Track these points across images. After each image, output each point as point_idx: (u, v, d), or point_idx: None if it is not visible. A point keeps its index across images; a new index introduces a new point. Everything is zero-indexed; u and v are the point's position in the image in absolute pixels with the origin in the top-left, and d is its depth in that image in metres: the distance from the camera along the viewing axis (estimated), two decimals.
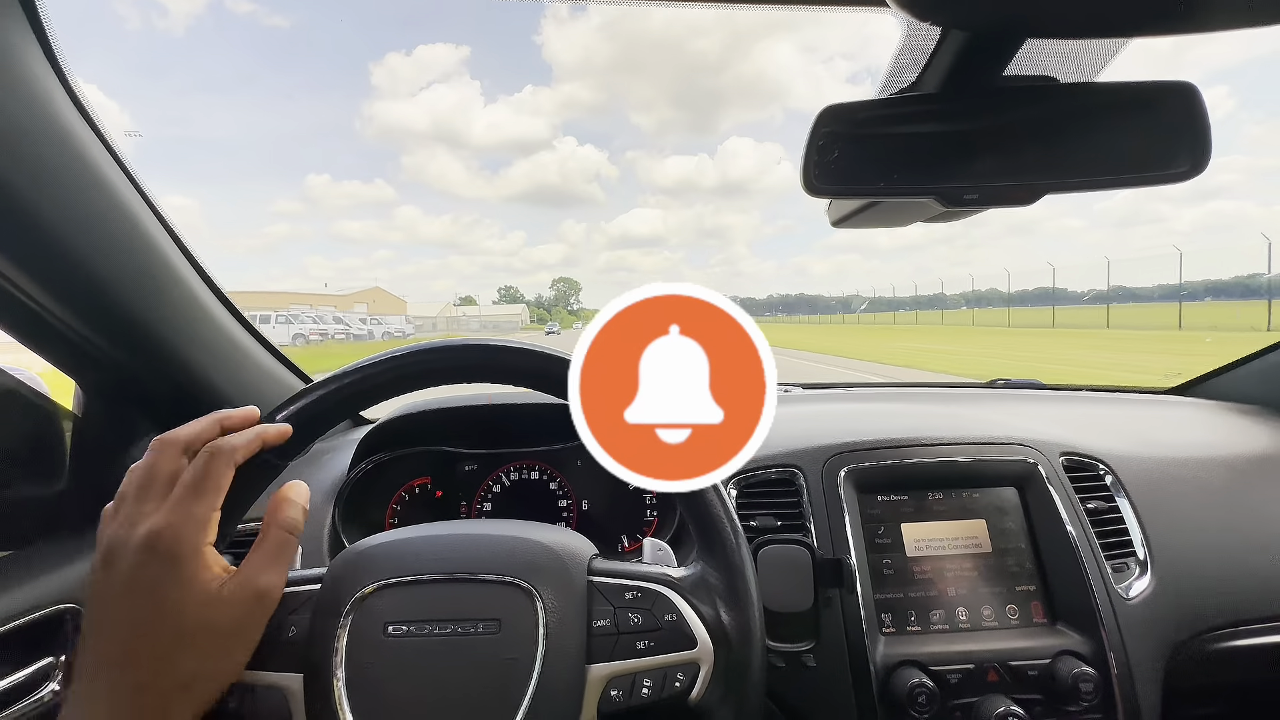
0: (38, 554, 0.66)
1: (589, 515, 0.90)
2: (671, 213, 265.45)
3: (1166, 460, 0.85)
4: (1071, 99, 0.54)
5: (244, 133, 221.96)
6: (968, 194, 0.55)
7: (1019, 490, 0.78)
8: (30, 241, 0.56)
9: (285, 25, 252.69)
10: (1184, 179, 0.51)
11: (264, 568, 0.42)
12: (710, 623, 0.46)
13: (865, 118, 0.56)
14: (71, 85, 0.57)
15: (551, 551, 0.48)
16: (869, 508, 0.76)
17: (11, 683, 0.59)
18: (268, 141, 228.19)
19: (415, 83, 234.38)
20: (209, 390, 0.78)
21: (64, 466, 0.74)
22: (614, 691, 0.44)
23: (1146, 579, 0.74)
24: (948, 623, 0.71)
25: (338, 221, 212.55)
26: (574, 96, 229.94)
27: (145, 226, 0.65)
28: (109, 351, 0.68)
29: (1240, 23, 0.42)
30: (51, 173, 0.55)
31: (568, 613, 0.45)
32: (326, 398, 0.48)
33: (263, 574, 0.41)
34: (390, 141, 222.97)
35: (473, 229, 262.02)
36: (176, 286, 0.70)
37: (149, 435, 0.79)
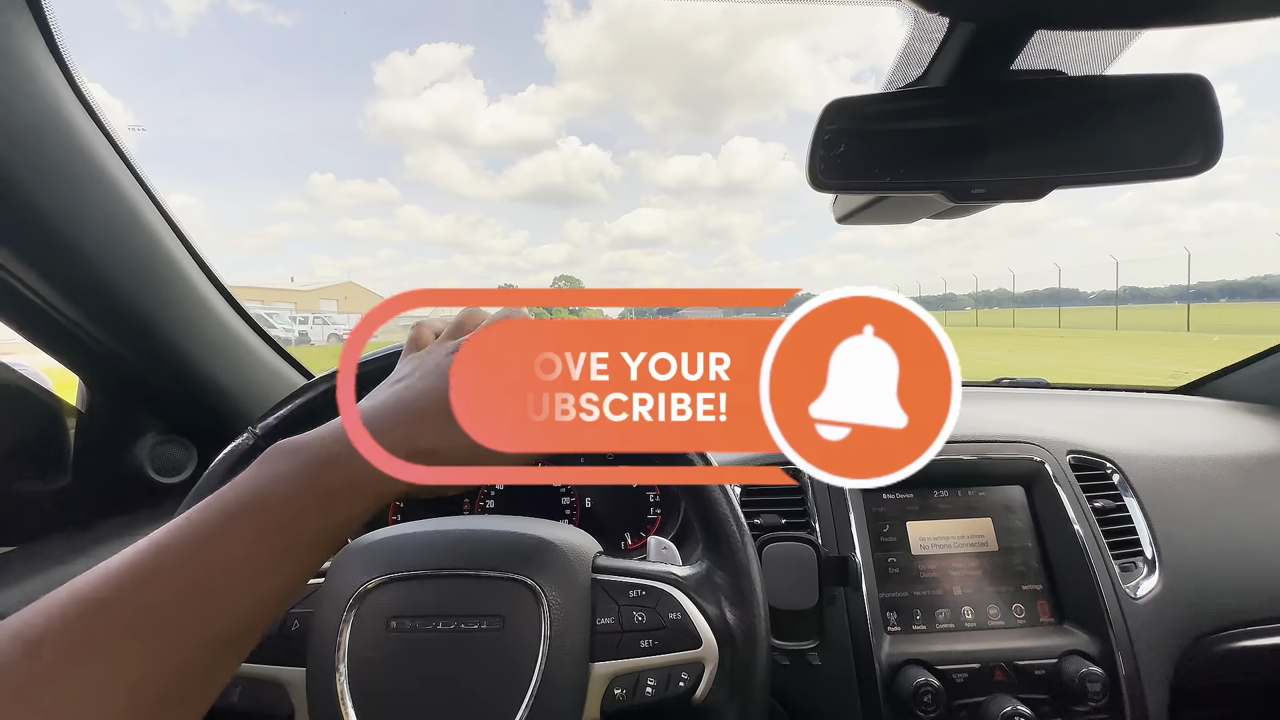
0: (41, 549, 0.66)
1: (592, 513, 0.90)
2: (675, 213, 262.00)
3: (1174, 459, 0.84)
4: (1080, 93, 0.53)
5: (247, 132, 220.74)
6: (974, 189, 0.54)
7: (1025, 489, 0.77)
8: (36, 238, 0.56)
9: (289, 24, 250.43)
10: (1195, 173, 0.50)
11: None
12: (715, 622, 0.45)
13: (872, 112, 0.55)
14: (77, 82, 0.57)
15: (555, 548, 0.48)
16: (874, 506, 0.75)
17: None
18: (271, 140, 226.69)
19: (419, 82, 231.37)
20: (212, 386, 0.78)
21: (67, 462, 0.75)
22: (617, 690, 0.44)
23: (1155, 578, 0.73)
24: (953, 622, 0.70)
25: (341, 221, 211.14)
26: (578, 96, 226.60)
27: (150, 223, 0.65)
28: (113, 348, 0.68)
29: (1252, 13, 0.41)
30: (58, 169, 0.55)
31: (571, 610, 0.45)
32: (328, 393, 0.48)
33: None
34: (394, 141, 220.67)
35: (476, 228, 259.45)
36: (180, 283, 0.70)
37: (151, 432, 0.79)
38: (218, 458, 0.47)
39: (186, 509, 0.46)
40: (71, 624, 0.26)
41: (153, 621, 0.27)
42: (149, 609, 0.27)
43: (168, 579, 0.28)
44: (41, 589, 0.61)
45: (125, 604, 0.27)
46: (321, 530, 0.32)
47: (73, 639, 0.26)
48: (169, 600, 0.28)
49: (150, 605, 0.27)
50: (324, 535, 0.33)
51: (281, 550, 0.31)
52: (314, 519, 0.32)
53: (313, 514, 0.32)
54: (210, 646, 0.28)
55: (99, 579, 0.28)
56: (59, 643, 0.25)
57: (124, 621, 0.26)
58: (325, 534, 0.33)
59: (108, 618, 0.26)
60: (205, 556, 0.29)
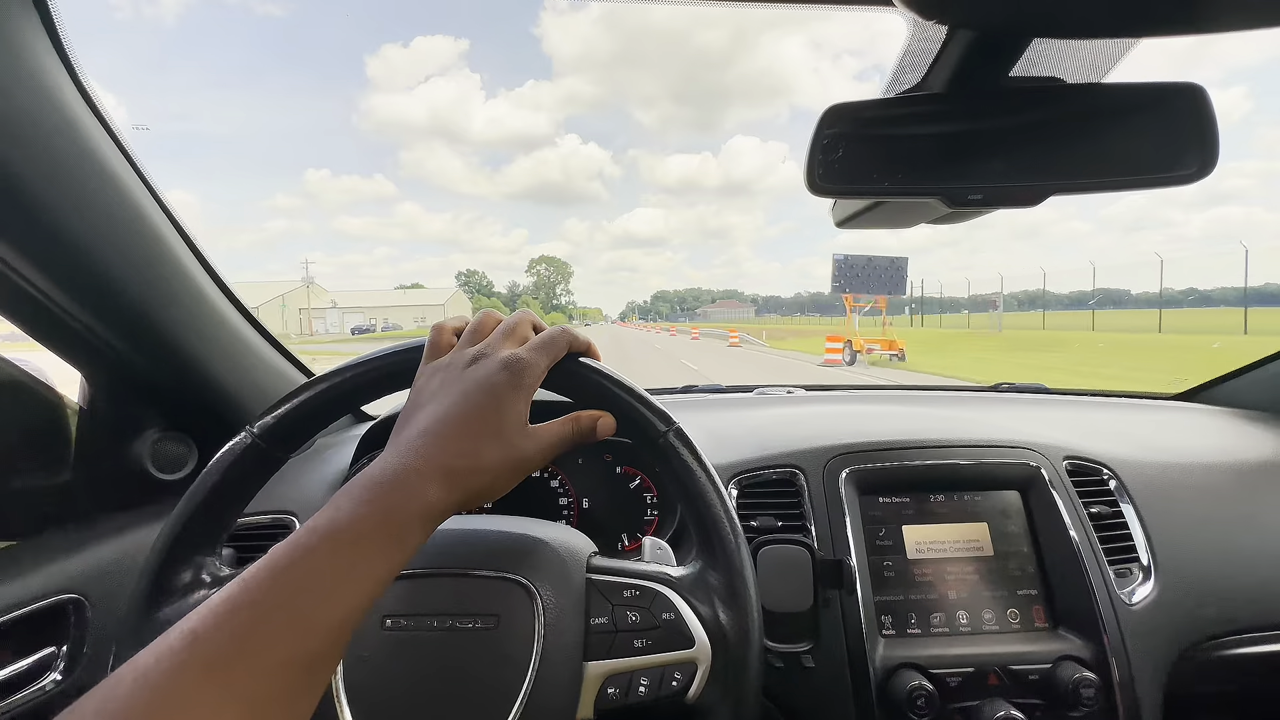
0: (42, 545, 0.67)
1: (589, 514, 0.90)
2: (674, 212, 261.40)
3: (1171, 466, 0.85)
4: (1078, 100, 0.53)
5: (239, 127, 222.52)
6: (972, 194, 0.54)
7: (1022, 494, 0.77)
8: (40, 233, 0.57)
9: (280, 14, 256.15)
10: (1192, 180, 0.51)
11: (551, 441, 0.45)
12: (708, 622, 0.45)
13: (870, 117, 0.56)
14: (81, 80, 0.57)
15: (550, 548, 0.48)
16: (870, 509, 0.75)
17: (14, 671, 0.59)
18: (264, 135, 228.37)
19: (413, 75, 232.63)
20: (213, 383, 0.78)
21: (68, 458, 0.75)
22: (611, 689, 0.44)
23: (1150, 585, 0.74)
24: (948, 626, 0.70)
25: (338, 217, 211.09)
26: (575, 91, 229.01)
27: (151, 219, 0.66)
28: (114, 343, 0.68)
29: (1252, 23, 0.41)
30: (60, 164, 0.56)
31: (565, 610, 0.45)
32: (326, 392, 0.48)
33: (547, 444, 0.44)
34: (388, 136, 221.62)
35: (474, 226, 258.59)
36: (181, 279, 0.71)
37: (152, 428, 0.79)
38: (216, 455, 0.47)
39: (184, 505, 0.46)
40: (177, 652, 0.28)
41: (241, 645, 0.29)
42: (239, 634, 0.29)
43: (252, 605, 0.30)
44: (42, 584, 0.62)
45: (221, 628, 0.29)
46: (383, 551, 0.35)
47: (180, 664, 0.27)
48: (256, 621, 0.30)
49: (240, 629, 0.29)
50: (385, 557, 0.35)
51: (349, 569, 0.33)
52: (376, 540, 0.34)
53: (375, 535, 0.34)
54: (296, 667, 0.30)
55: (198, 612, 0.30)
56: (168, 669, 0.27)
57: (220, 644, 0.28)
58: (386, 555, 0.35)
59: (208, 643, 0.28)
60: (284, 578, 0.31)
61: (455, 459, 0.39)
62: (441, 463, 0.38)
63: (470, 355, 0.44)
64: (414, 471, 0.37)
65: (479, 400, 0.41)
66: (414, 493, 0.36)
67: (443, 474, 0.38)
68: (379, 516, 0.35)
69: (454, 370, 0.44)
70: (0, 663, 0.59)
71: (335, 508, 0.35)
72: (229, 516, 0.49)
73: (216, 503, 0.47)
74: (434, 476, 0.37)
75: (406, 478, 0.37)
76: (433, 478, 0.37)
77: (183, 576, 0.46)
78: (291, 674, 0.29)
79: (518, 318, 0.48)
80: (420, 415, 0.41)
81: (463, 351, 0.45)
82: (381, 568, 0.34)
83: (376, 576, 0.34)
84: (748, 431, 0.88)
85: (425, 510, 0.37)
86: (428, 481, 0.37)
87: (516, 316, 0.48)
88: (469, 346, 0.45)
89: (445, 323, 0.49)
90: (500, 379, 0.42)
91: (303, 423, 0.48)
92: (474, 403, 0.41)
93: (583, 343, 0.48)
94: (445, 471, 0.38)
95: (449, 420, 0.40)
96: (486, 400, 0.41)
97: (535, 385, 0.44)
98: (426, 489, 0.37)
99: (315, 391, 0.48)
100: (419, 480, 0.37)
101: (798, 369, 12.29)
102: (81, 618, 0.65)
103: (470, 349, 0.45)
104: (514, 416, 0.42)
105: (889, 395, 1.30)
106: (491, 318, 0.48)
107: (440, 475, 0.38)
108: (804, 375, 10.63)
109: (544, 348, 0.45)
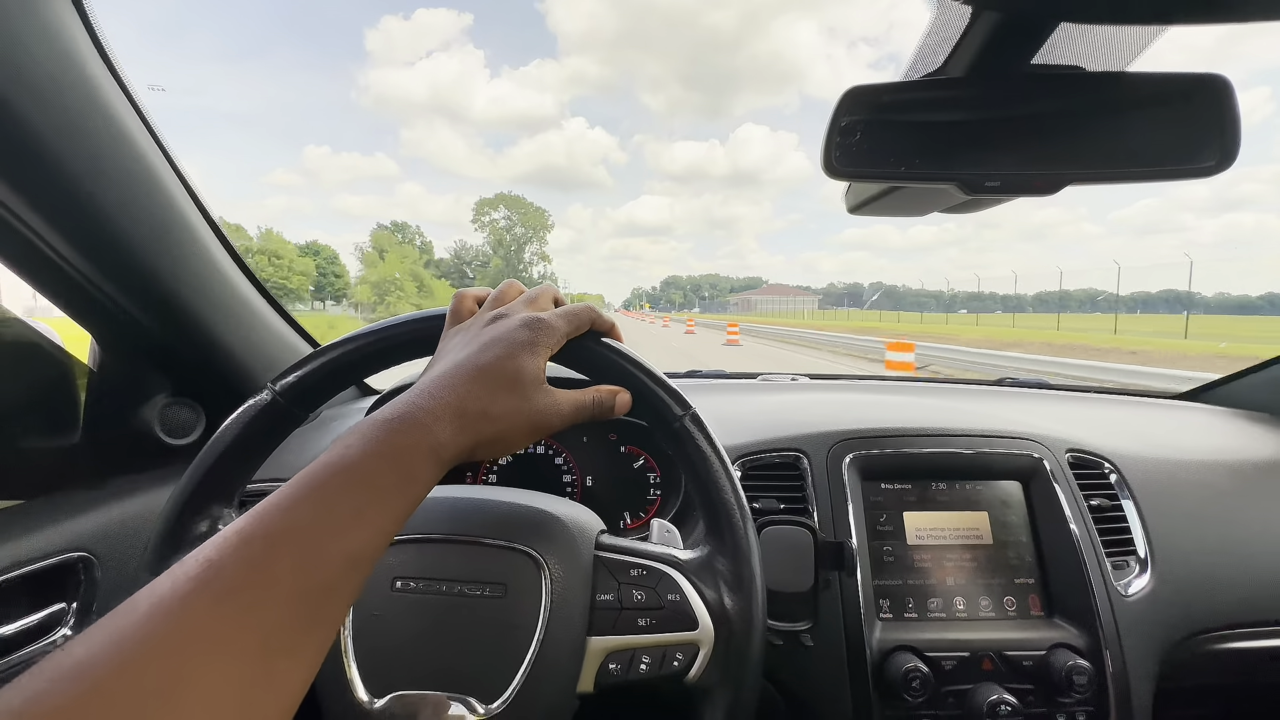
0: (52, 504, 0.68)
1: (592, 491, 0.91)
2: (680, 201, 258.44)
3: (1172, 462, 0.85)
4: (1100, 89, 0.53)
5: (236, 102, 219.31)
6: (989, 182, 0.54)
7: (1023, 484, 0.78)
8: (54, 191, 0.57)
9: None
10: (1211, 174, 0.50)
11: (569, 408, 0.45)
12: (713, 606, 0.46)
13: (890, 101, 0.55)
14: (98, 36, 0.57)
15: (561, 523, 0.49)
16: (872, 495, 0.76)
17: (24, 625, 0.60)
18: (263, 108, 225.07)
19: (414, 50, 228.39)
20: (222, 350, 0.79)
21: (78, 419, 0.76)
22: (612, 665, 0.45)
23: (1146, 577, 0.74)
24: (945, 611, 0.71)
25: (339, 195, 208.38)
26: (581, 71, 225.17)
27: (165, 183, 0.66)
28: (126, 305, 0.68)
29: None
30: (77, 122, 0.55)
31: (572, 584, 0.46)
32: (348, 355, 0.49)
33: (564, 408, 0.44)
34: (388, 112, 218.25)
35: None
36: (193, 244, 0.71)
37: (161, 393, 0.80)
38: (236, 411, 0.48)
39: (203, 456, 0.47)
40: (193, 578, 0.28)
41: (254, 573, 0.29)
42: (253, 562, 0.29)
43: (266, 536, 0.30)
44: (53, 541, 0.63)
45: (236, 556, 0.29)
46: (394, 488, 0.35)
47: (195, 590, 0.27)
48: (269, 550, 0.30)
49: (254, 557, 0.29)
50: (396, 494, 0.35)
51: (360, 503, 0.33)
52: (387, 477, 0.34)
53: (386, 473, 0.34)
54: (311, 597, 0.30)
55: (213, 541, 0.30)
56: (183, 595, 0.27)
57: (235, 571, 0.29)
58: (398, 492, 0.35)
59: (222, 569, 0.29)
60: (296, 512, 0.31)
61: (467, 401, 0.39)
62: (452, 403, 0.38)
63: (491, 315, 0.45)
64: (425, 410, 0.37)
65: (496, 351, 0.41)
66: (424, 431, 0.37)
67: (454, 414, 0.38)
68: (389, 453, 0.35)
69: (474, 328, 0.45)
70: (13, 616, 0.60)
71: (345, 445, 0.35)
72: (246, 470, 0.50)
73: (237, 455, 0.48)
74: (445, 416, 0.38)
75: (417, 416, 0.37)
76: (443, 416, 0.38)
77: (199, 526, 0.47)
78: (306, 604, 0.30)
79: (540, 289, 0.49)
80: (437, 366, 0.42)
81: (484, 314, 0.46)
82: (394, 503, 0.35)
83: (389, 512, 0.34)
84: (753, 415, 0.88)
85: (435, 448, 0.37)
86: (438, 420, 0.37)
87: (539, 288, 0.49)
88: (490, 310, 0.46)
89: (467, 291, 0.50)
90: (520, 335, 0.43)
91: (325, 382, 0.49)
92: (491, 353, 0.41)
93: (606, 322, 0.49)
94: (456, 412, 0.38)
95: (464, 365, 0.41)
96: (503, 351, 0.41)
97: (553, 348, 0.45)
98: (437, 428, 0.37)
99: (337, 354, 0.48)
100: (429, 419, 0.37)
101: None
102: (91, 575, 0.65)
103: (491, 311, 0.46)
104: (530, 371, 0.42)
105: (893, 385, 1.30)
106: (514, 286, 0.50)
107: (451, 415, 0.38)
108: None
109: (566, 316, 0.46)
